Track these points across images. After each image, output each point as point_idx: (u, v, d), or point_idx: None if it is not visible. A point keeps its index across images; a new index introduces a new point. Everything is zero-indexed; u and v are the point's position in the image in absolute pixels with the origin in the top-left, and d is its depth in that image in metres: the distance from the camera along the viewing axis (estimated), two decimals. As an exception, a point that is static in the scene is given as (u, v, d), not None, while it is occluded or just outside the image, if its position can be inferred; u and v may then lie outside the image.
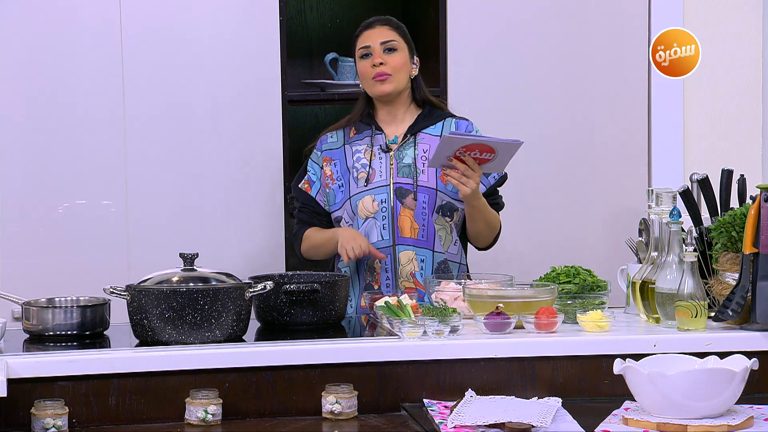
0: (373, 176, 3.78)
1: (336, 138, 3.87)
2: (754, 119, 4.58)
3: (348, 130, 3.87)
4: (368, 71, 3.79)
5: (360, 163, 3.79)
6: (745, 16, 4.56)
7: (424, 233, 3.75)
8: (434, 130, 3.82)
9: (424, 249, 3.75)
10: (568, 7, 4.49)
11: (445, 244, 3.77)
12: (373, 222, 3.75)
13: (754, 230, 3.11)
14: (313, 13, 4.92)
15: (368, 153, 3.80)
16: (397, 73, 3.79)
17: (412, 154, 3.78)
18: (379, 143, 3.81)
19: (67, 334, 3.12)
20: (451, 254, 3.79)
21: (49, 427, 2.76)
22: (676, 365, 2.85)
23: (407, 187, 3.75)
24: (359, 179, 3.78)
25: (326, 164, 3.83)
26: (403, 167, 3.77)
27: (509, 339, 3.09)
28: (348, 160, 3.81)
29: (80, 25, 4.20)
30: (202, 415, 2.84)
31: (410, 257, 3.74)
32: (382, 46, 3.78)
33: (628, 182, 4.53)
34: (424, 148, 3.79)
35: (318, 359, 2.98)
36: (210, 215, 4.30)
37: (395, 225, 3.74)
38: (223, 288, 3.05)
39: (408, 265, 3.73)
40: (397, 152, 3.79)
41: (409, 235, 3.75)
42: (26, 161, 4.19)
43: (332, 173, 3.82)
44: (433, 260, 3.75)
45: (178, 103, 4.27)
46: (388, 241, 3.74)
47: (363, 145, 3.82)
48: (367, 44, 3.79)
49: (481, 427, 2.72)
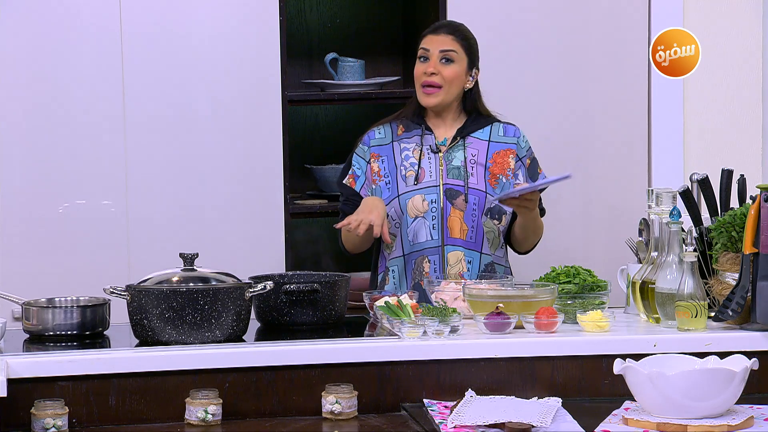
0: (422, 176, 3.76)
1: (384, 134, 3.83)
2: (754, 119, 4.58)
3: (396, 126, 3.83)
4: (420, 76, 3.74)
5: (409, 162, 3.77)
6: (745, 16, 4.56)
7: (473, 235, 3.74)
8: (482, 135, 3.80)
9: (473, 250, 3.74)
10: (568, 8, 4.49)
11: (492, 246, 3.77)
12: (422, 221, 3.73)
13: (754, 230, 3.11)
14: (313, 13, 4.92)
15: (417, 152, 3.78)
16: (448, 85, 3.74)
17: (462, 157, 3.77)
18: (428, 143, 3.79)
19: (67, 334, 3.12)
20: (498, 257, 3.79)
21: (49, 427, 2.76)
22: (676, 365, 2.85)
23: (458, 188, 3.74)
24: (408, 177, 3.76)
25: (374, 160, 3.80)
26: (453, 169, 3.76)
27: (509, 339, 3.09)
28: (396, 157, 3.79)
29: (80, 25, 4.20)
30: (202, 415, 2.85)
31: (459, 258, 3.73)
32: (440, 54, 3.73)
33: (628, 182, 4.53)
34: (473, 152, 3.77)
35: (318, 359, 2.98)
36: (210, 215, 4.30)
37: (445, 225, 3.73)
38: (223, 288, 3.05)
39: (456, 266, 3.72)
40: (446, 154, 3.77)
41: (459, 236, 3.73)
42: (26, 161, 4.19)
43: (380, 170, 3.79)
44: (480, 262, 3.74)
45: (178, 103, 4.27)
46: (437, 240, 3.73)
47: (412, 143, 3.79)
48: (427, 48, 3.74)
49: (481, 427, 2.72)
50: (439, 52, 3.73)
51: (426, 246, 3.73)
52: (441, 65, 3.73)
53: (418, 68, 3.76)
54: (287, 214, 4.35)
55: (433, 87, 3.73)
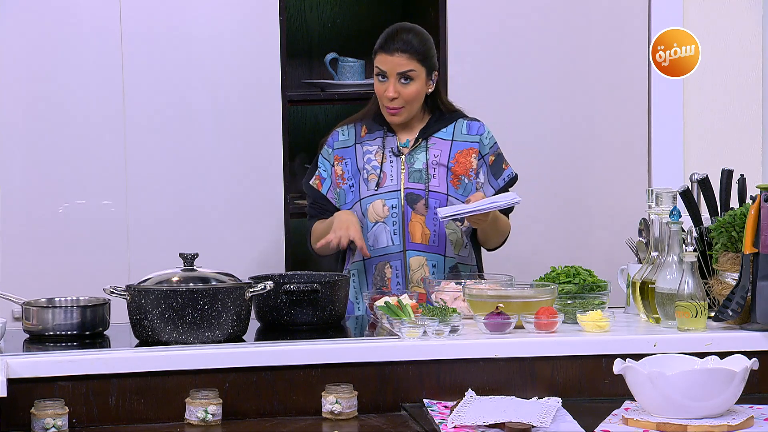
0: (384, 180, 3.75)
1: (347, 135, 3.83)
2: (754, 119, 4.58)
3: (360, 127, 3.83)
4: (382, 97, 3.72)
5: (371, 165, 3.77)
6: (745, 16, 4.56)
7: (435, 238, 3.73)
8: (446, 134, 3.79)
9: (435, 254, 3.74)
10: (568, 7, 4.49)
11: (456, 247, 3.76)
12: (383, 226, 3.73)
13: (754, 230, 3.11)
14: (313, 13, 4.92)
15: (379, 155, 3.78)
16: (410, 104, 3.72)
17: (424, 159, 3.76)
18: (390, 146, 3.78)
19: (67, 334, 3.12)
20: (462, 257, 3.78)
21: (49, 427, 2.76)
22: (676, 365, 2.85)
23: (418, 192, 3.73)
24: (369, 181, 3.76)
25: (337, 163, 3.81)
26: (414, 172, 3.75)
27: (509, 339, 3.09)
28: (359, 160, 3.79)
29: (80, 25, 4.20)
30: (202, 415, 2.85)
31: (421, 263, 3.73)
32: (398, 76, 3.70)
33: (628, 182, 4.53)
34: (435, 153, 3.76)
35: (318, 359, 2.98)
36: (210, 215, 4.30)
37: (406, 230, 3.73)
38: (223, 288, 3.05)
39: (419, 271, 3.72)
40: (408, 156, 3.77)
41: (420, 241, 3.73)
42: (26, 161, 4.19)
43: (343, 173, 3.79)
44: (445, 265, 3.74)
45: (178, 103, 4.27)
46: (399, 246, 3.73)
47: (374, 146, 3.79)
48: (384, 69, 3.70)
49: (481, 427, 2.72)
50: (396, 74, 3.70)
51: (387, 252, 3.72)
52: (400, 86, 3.70)
53: (378, 87, 3.72)
54: (287, 214, 4.35)
55: (396, 109, 3.73)
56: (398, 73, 3.69)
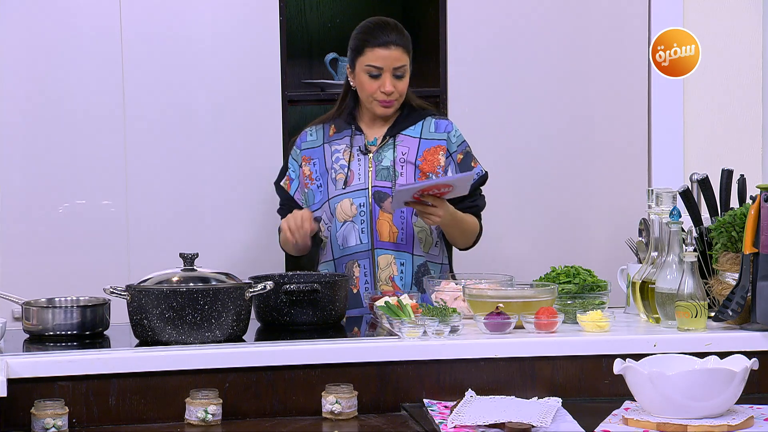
0: (351, 179, 3.76)
1: (315, 136, 3.85)
2: (754, 119, 4.58)
3: (328, 127, 3.85)
4: (375, 93, 3.74)
5: (339, 164, 3.78)
6: (745, 16, 4.56)
7: (403, 237, 3.74)
8: (413, 132, 3.80)
9: (404, 252, 3.74)
10: (568, 7, 4.48)
11: (425, 246, 3.77)
12: (351, 225, 3.74)
13: (754, 230, 3.11)
14: (313, 13, 4.92)
15: (347, 154, 3.79)
16: (402, 97, 3.77)
17: (391, 157, 3.77)
18: (358, 144, 3.79)
19: (67, 334, 3.12)
20: (432, 255, 3.79)
21: (49, 427, 2.76)
22: (676, 365, 2.85)
23: (385, 190, 3.74)
24: (337, 180, 3.77)
25: (305, 163, 3.82)
26: (382, 170, 3.76)
27: (509, 339, 3.09)
28: (327, 160, 3.80)
29: (80, 26, 4.20)
30: (202, 415, 2.85)
31: (389, 261, 3.73)
32: (394, 71, 3.72)
33: (628, 182, 4.52)
34: (403, 151, 3.77)
35: (318, 359, 2.98)
36: (210, 215, 4.30)
37: (374, 229, 3.74)
38: (223, 288, 3.05)
39: (387, 269, 3.73)
40: (375, 154, 3.78)
41: (388, 239, 3.74)
42: (26, 161, 4.19)
43: (311, 173, 3.81)
44: (413, 263, 3.75)
45: (178, 103, 4.27)
46: (367, 245, 3.74)
47: (342, 145, 3.80)
48: (380, 66, 3.71)
49: (481, 427, 2.72)
50: (393, 70, 3.72)
51: (356, 250, 3.74)
52: (395, 81, 3.73)
53: (370, 84, 3.73)
54: (287, 214, 4.35)
55: (390, 102, 3.74)
56: (394, 68, 3.71)
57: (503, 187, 4.39)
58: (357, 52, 3.76)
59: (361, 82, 3.75)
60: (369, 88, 3.74)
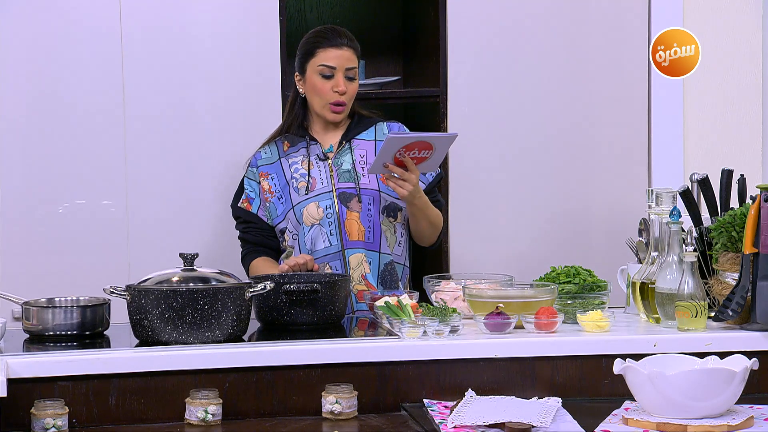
0: (313, 184, 3.78)
1: (270, 153, 3.88)
2: (754, 119, 4.58)
3: (281, 143, 3.88)
4: (328, 93, 3.77)
5: (299, 174, 3.80)
6: (745, 16, 4.55)
7: (371, 235, 3.75)
8: (368, 135, 3.85)
9: (372, 251, 3.75)
10: (568, 8, 4.48)
11: (390, 244, 3.79)
12: (319, 229, 3.75)
13: (754, 230, 3.11)
14: (313, 13, 4.92)
15: (305, 163, 3.81)
16: (350, 101, 3.82)
17: (350, 160, 3.80)
18: (315, 153, 3.82)
19: (67, 334, 3.12)
20: (396, 255, 3.81)
21: (49, 427, 2.76)
22: (676, 365, 2.85)
23: (350, 191, 3.76)
24: (300, 188, 3.78)
25: (263, 179, 3.84)
26: (344, 173, 3.78)
27: (509, 339, 3.09)
28: (286, 173, 3.82)
29: (80, 25, 4.20)
30: (202, 415, 2.85)
31: (360, 260, 3.74)
32: (345, 72, 3.77)
33: (628, 182, 4.52)
34: (361, 154, 3.81)
35: (318, 359, 2.98)
36: (210, 215, 4.30)
37: (342, 230, 3.74)
38: (223, 288, 3.05)
39: (358, 268, 3.74)
40: (334, 159, 3.81)
41: (357, 238, 3.75)
42: (26, 161, 4.19)
43: (270, 187, 3.82)
44: (380, 262, 3.76)
45: (178, 103, 4.27)
46: (337, 246, 3.74)
47: (299, 156, 3.84)
48: (332, 65, 3.77)
49: (481, 427, 2.72)
50: (345, 70, 3.76)
51: (325, 253, 3.74)
52: (347, 82, 3.77)
53: (323, 84, 3.77)
54: (287, 214, 4.35)
55: (342, 105, 3.76)
56: (346, 68, 3.75)
57: (503, 187, 4.39)
58: (309, 55, 3.82)
59: (313, 85, 3.80)
60: (322, 89, 3.78)
